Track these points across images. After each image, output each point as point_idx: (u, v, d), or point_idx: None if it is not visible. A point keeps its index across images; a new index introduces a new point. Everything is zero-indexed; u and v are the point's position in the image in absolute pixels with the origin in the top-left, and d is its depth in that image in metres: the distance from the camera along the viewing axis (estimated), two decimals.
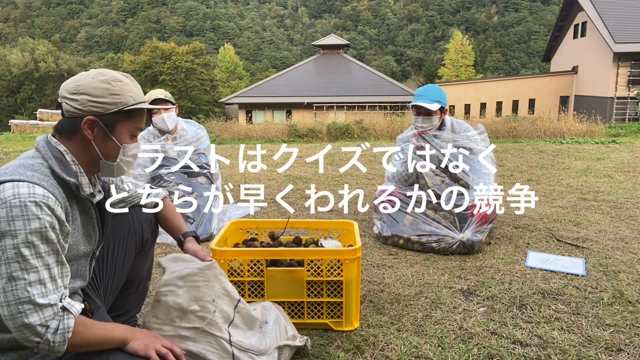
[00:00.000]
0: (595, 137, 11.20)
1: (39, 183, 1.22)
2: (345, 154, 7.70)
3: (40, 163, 1.28)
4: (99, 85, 1.32)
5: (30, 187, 1.19)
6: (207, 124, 16.11)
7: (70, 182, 1.29)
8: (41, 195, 1.20)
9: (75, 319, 1.20)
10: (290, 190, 4.91)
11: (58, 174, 1.28)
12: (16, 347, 1.26)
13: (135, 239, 1.70)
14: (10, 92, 43.64)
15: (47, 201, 1.20)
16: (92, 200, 1.40)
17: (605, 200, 4.31)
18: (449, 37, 70.56)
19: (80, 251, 1.38)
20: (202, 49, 47.30)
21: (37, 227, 1.17)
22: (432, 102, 3.12)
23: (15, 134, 16.51)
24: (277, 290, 1.99)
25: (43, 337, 1.16)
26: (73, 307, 1.21)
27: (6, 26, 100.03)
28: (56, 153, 1.32)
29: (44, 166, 1.28)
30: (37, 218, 1.17)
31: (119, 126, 1.36)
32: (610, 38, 20.59)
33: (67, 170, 1.31)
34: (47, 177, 1.26)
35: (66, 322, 1.18)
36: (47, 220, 1.19)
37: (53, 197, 1.23)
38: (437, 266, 2.76)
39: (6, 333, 1.24)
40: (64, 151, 1.33)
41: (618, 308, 2.19)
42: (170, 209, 1.82)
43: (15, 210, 1.16)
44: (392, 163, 3.45)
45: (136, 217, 1.71)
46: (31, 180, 1.21)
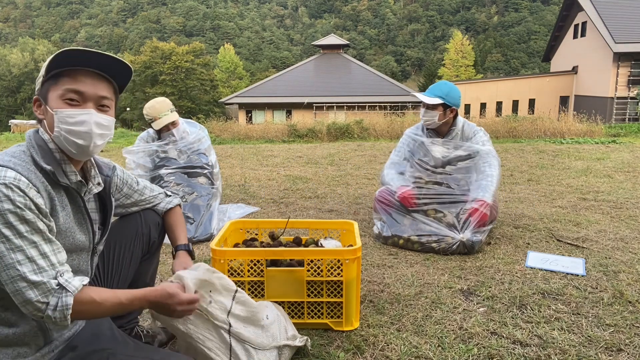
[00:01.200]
0: (595, 137, 11.20)
1: (12, 167, 1.22)
2: (346, 154, 7.71)
3: (22, 151, 1.29)
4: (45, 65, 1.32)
5: (2, 171, 1.20)
6: (207, 124, 16.12)
7: (46, 169, 1.28)
8: (12, 177, 1.20)
9: (73, 296, 1.20)
10: (290, 190, 4.91)
11: (37, 161, 1.28)
12: (14, 344, 1.26)
13: (142, 241, 1.70)
14: (10, 92, 43.65)
15: (17, 183, 1.20)
16: (79, 190, 1.38)
17: (605, 200, 4.31)
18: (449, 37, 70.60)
19: (77, 240, 1.36)
20: (202, 49, 47.30)
21: (11, 208, 1.17)
22: (433, 96, 3.17)
23: (15, 134, 16.52)
24: (277, 290, 1.99)
25: (45, 313, 1.18)
26: (70, 284, 1.20)
27: (6, 26, 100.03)
28: (39, 142, 1.32)
29: (25, 154, 1.28)
30: (8, 199, 1.17)
31: (50, 94, 1.31)
32: (610, 38, 20.60)
33: (46, 158, 1.30)
34: (24, 163, 1.26)
35: (64, 299, 1.18)
36: (19, 201, 1.18)
37: (26, 180, 1.22)
38: (437, 266, 2.76)
39: (4, 327, 1.24)
40: (48, 140, 1.32)
41: (618, 308, 2.19)
42: (176, 218, 1.80)
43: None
44: (392, 156, 3.47)
45: (144, 220, 1.72)
46: (6, 164, 1.22)
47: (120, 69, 1.36)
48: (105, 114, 1.35)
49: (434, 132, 3.37)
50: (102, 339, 1.38)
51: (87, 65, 1.31)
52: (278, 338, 1.70)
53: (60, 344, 1.33)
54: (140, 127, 27.25)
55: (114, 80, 1.39)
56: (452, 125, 3.31)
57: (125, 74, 1.39)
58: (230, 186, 5.14)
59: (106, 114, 1.36)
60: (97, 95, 1.33)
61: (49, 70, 1.29)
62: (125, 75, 1.40)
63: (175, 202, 1.81)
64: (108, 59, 1.32)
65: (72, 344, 1.34)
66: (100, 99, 1.34)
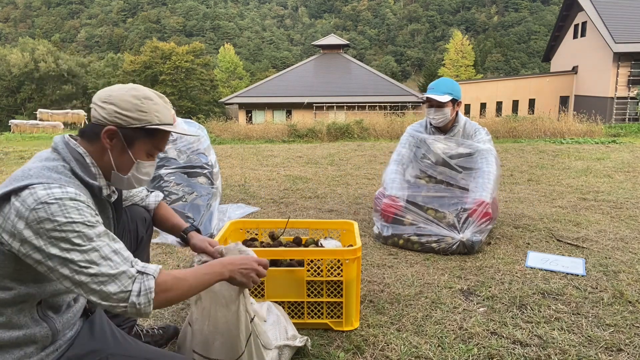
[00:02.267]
0: (595, 137, 11.20)
1: (67, 185, 1.24)
2: (346, 154, 7.70)
3: (62, 165, 1.30)
4: (129, 99, 1.35)
5: (62, 187, 1.22)
6: (207, 124, 16.12)
7: (93, 184, 1.32)
8: (73, 192, 1.22)
9: (155, 279, 1.22)
10: (290, 190, 4.91)
11: (80, 176, 1.30)
12: (24, 344, 1.27)
13: (129, 237, 1.71)
14: (10, 92, 43.64)
15: (79, 197, 1.23)
16: (110, 201, 1.44)
17: (605, 200, 4.31)
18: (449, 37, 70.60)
19: None
20: (202, 49, 47.26)
21: (79, 218, 1.19)
22: (443, 94, 3.17)
23: (15, 134, 16.52)
24: (277, 290, 1.99)
25: (129, 301, 1.19)
26: (148, 268, 1.23)
27: (6, 26, 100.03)
28: (76, 155, 1.33)
29: (65, 169, 1.29)
30: (75, 209, 1.19)
31: (138, 142, 1.37)
32: (610, 38, 20.59)
33: (87, 172, 1.33)
34: (71, 179, 1.28)
35: (147, 283, 1.21)
36: (85, 211, 1.22)
37: (83, 195, 1.26)
38: (437, 266, 2.76)
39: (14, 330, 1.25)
40: (84, 153, 1.34)
41: (618, 308, 2.19)
42: (167, 209, 1.84)
43: (54, 207, 1.17)
44: (397, 149, 3.48)
45: (130, 216, 1.72)
46: (59, 182, 1.23)
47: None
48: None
49: (437, 130, 3.37)
50: (103, 339, 1.38)
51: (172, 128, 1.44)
52: (278, 338, 1.71)
53: (64, 344, 1.34)
54: None
55: None
56: (455, 122, 3.32)
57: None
58: (230, 186, 5.14)
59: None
60: None
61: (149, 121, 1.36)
62: None
63: (160, 196, 1.85)
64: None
65: (73, 343, 1.35)
66: None
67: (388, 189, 3.25)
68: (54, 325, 1.30)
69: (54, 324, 1.30)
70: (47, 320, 1.28)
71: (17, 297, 1.22)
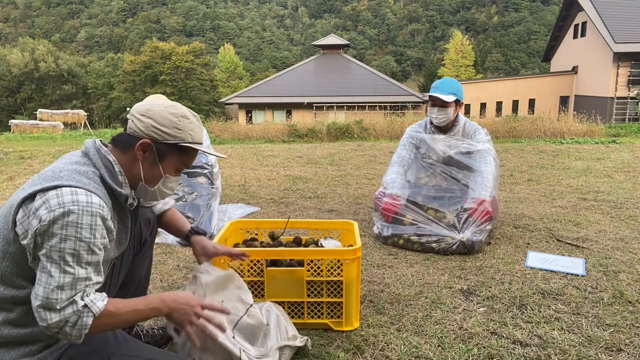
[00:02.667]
0: (595, 137, 11.20)
1: (95, 192, 1.26)
2: (346, 154, 7.70)
3: (93, 171, 1.33)
4: (167, 116, 1.40)
5: (88, 196, 1.24)
6: (207, 124, 16.13)
7: (121, 193, 1.35)
8: (97, 205, 1.24)
9: (94, 317, 1.23)
10: (290, 190, 4.91)
11: (109, 184, 1.33)
12: (29, 342, 1.28)
13: (133, 239, 1.70)
14: (10, 92, 43.65)
15: (102, 211, 1.25)
16: (131, 210, 1.46)
17: (605, 200, 4.31)
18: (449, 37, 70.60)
19: (109, 257, 1.42)
20: (202, 49, 47.26)
21: (87, 238, 1.21)
22: (448, 94, 3.18)
23: (15, 134, 16.51)
24: (277, 290, 1.99)
25: (62, 330, 1.21)
26: (95, 305, 1.24)
27: (6, 26, 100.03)
28: (106, 162, 1.36)
29: (95, 175, 1.32)
30: (89, 228, 1.22)
31: (169, 157, 1.42)
32: (610, 38, 20.60)
33: (116, 180, 1.36)
34: (100, 186, 1.30)
35: (84, 319, 1.22)
36: (98, 231, 1.24)
37: (107, 207, 1.28)
38: (437, 266, 2.76)
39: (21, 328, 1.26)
40: (113, 161, 1.38)
41: (618, 308, 2.19)
42: (175, 213, 1.86)
43: (72, 216, 1.20)
44: (397, 150, 3.48)
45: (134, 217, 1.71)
46: (88, 188, 1.25)
47: None
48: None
49: (437, 130, 3.38)
50: (104, 339, 1.38)
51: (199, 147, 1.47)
52: (279, 339, 1.71)
53: (66, 343, 1.35)
54: None
55: None
56: (455, 122, 3.33)
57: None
58: (230, 186, 5.14)
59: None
60: None
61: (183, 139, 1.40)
62: None
63: (171, 203, 1.85)
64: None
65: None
66: None
67: (389, 188, 3.25)
68: None
69: None
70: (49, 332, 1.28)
71: (28, 296, 1.24)
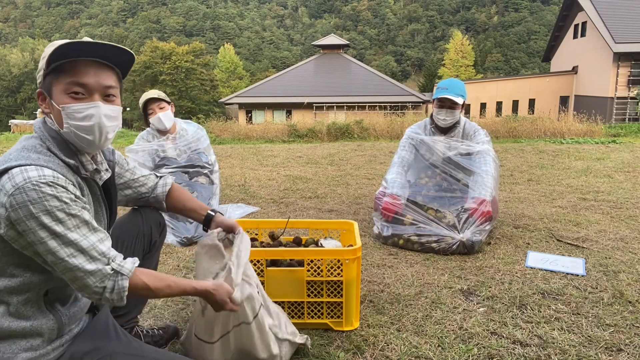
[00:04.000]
0: (595, 137, 11.20)
1: (45, 165, 1.21)
2: (346, 154, 7.70)
3: (40, 144, 1.27)
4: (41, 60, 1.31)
5: (38, 170, 1.19)
6: (207, 124, 16.12)
7: (69, 162, 1.28)
8: (51, 176, 1.20)
9: (128, 279, 1.26)
10: (290, 190, 4.91)
11: (57, 154, 1.27)
12: (30, 336, 1.27)
13: (143, 240, 1.71)
14: (10, 92, 43.65)
15: (57, 181, 1.21)
16: (96, 179, 1.39)
17: (605, 200, 4.31)
18: (449, 37, 70.61)
19: None
20: (202, 49, 47.29)
21: (58, 205, 1.19)
22: (457, 95, 3.18)
23: (15, 134, 16.52)
24: (277, 290, 1.99)
25: (102, 296, 1.24)
26: (124, 267, 1.25)
27: (6, 26, 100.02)
28: (53, 134, 1.30)
29: (43, 147, 1.27)
30: (54, 197, 1.18)
31: (53, 88, 1.27)
32: (610, 38, 20.59)
33: (65, 150, 1.29)
34: (50, 158, 1.25)
35: (120, 283, 1.24)
36: (64, 196, 1.20)
37: (62, 176, 1.23)
38: (437, 266, 2.76)
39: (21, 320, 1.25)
40: (60, 131, 1.30)
41: (618, 308, 2.19)
42: (181, 192, 1.78)
43: (31, 193, 1.16)
44: (398, 151, 3.48)
45: (145, 219, 1.72)
46: (37, 163, 1.21)
47: (121, 55, 1.32)
48: (112, 104, 1.33)
49: (437, 131, 3.38)
50: (106, 337, 1.38)
51: (87, 55, 1.27)
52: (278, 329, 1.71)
53: (70, 339, 1.35)
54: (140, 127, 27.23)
55: (117, 67, 1.35)
56: (456, 122, 3.33)
57: (126, 60, 1.35)
58: (230, 186, 5.14)
59: (113, 103, 1.33)
60: (102, 86, 1.29)
61: (49, 63, 1.26)
62: (127, 61, 1.36)
63: (169, 181, 1.77)
64: (108, 48, 1.28)
65: (78, 340, 1.35)
66: (106, 89, 1.31)
67: (389, 188, 3.25)
68: (61, 318, 1.31)
69: (61, 316, 1.31)
70: (53, 312, 1.29)
71: (22, 285, 1.23)
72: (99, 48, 1.27)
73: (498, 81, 29.18)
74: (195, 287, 1.41)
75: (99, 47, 1.26)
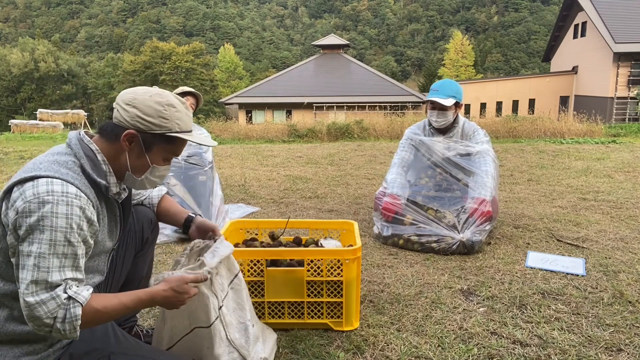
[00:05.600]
0: (595, 137, 11.21)
1: (72, 182, 1.24)
2: (346, 154, 7.70)
3: (73, 161, 1.30)
4: (152, 105, 1.35)
5: (64, 186, 1.21)
6: (207, 124, 16.13)
7: (100, 183, 1.32)
8: (73, 195, 1.22)
9: (82, 307, 1.20)
10: (290, 190, 4.91)
11: (89, 173, 1.31)
12: (32, 341, 1.28)
13: (135, 238, 1.70)
14: (10, 92, 43.66)
15: (79, 201, 1.22)
16: (118, 200, 1.44)
17: (605, 200, 4.31)
18: (449, 37, 70.61)
19: (105, 246, 1.42)
20: (202, 49, 47.29)
21: (63, 227, 1.19)
22: (447, 97, 3.17)
23: (15, 134, 16.50)
24: (277, 290, 1.99)
25: (53, 327, 1.18)
26: (80, 295, 1.21)
27: (6, 26, 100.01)
28: (88, 152, 1.34)
29: (76, 165, 1.30)
30: (65, 218, 1.19)
31: (156, 148, 1.39)
32: (610, 38, 20.59)
33: (97, 170, 1.33)
34: (79, 176, 1.28)
35: (72, 311, 1.19)
36: (74, 221, 1.21)
37: (85, 196, 1.25)
38: (437, 266, 2.76)
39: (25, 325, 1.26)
40: (96, 150, 1.35)
41: (618, 308, 2.19)
42: (170, 202, 1.83)
43: (47, 206, 1.18)
44: (398, 152, 3.48)
45: (136, 217, 1.71)
46: (65, 178, 1.23)
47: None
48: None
49: (436, 131, 3.37)
50: (105, 338, 1.39)
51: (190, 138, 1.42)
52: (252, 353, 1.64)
53: (68, 342, 1.35)
54: None
55: None
56: (454, 123, 3.32)
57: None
58: (230, 186, 5.14)
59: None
60: None
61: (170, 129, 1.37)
62: None
63: (163, 190, 1.83)
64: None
65: (76, 342, 1.35)
66: None
67: (389, 188, 3.25)
68: None
69: None
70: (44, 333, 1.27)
71: None
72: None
73: (498, 81, 29.18)
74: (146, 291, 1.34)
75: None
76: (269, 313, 2.02)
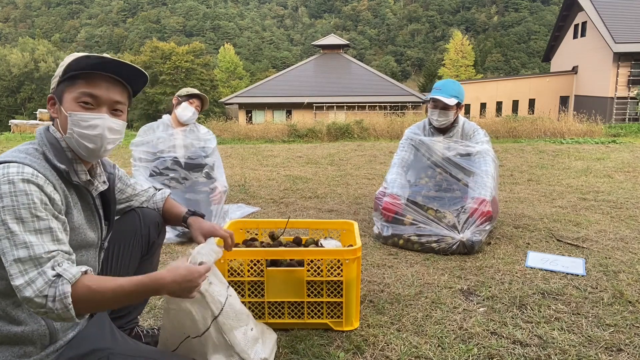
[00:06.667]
0: (595, 137, 11.21)
1: (29, 164, 1.23)
2: (346, 154, 7.70)
3: (35, 149, 1.31)
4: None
5: (19, 167, 1.22)
6: (207, 124, 16.11)
7: (60, 167, 1.30)
8: (30, 173, 1.21)
9: (70, 284, 1.16)
10: (290, 190, 4.91)
11: (50, 159, 1.30)
12: (22, 342, 1.27)
13: (141, 241, 1.69)
14: (10, 92, 43.66)
15: (35, 179, 1.21)
16: (89, 188, 1.41)
17: (605, 200, 4.31)
18: (449, 37, 70.63)
19: (88, 237, 1.39)
20: (202, 49, 47.28)
21: (25, 203, 1.18)
22: (450, 96, 3.17)
23: (15, 134, 16.51)
24: (277, 290, 1.99)
25: (46, 307, 1.15)
26: (67, 272, 1.17)
27: (6, 26, 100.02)
28: (51, 140, 1.34)
29: (38, 152, 1.30)
30: (24, 194, 1.19)
31: (65, 95, 1.33)
32: (610, 38, 20.59)
33: (59, 156, 1.32)
34: (39, 161, 1.28)
35: (61, 288, 1.15)
36: (35, 196, 1.20)
37: (43, 176, 1.24)
38: (437, 266, 2.76)
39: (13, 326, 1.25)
40: (60, 138, 1.35)
41: (618, 308, 2.19)
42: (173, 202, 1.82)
43: (4, 187, 1.18)
44: (397, 152, 3.48)
45: (143, 220, 1.70)
46: (22, 161, 1.24)
47: (136, 74, 1.39)
48: (118, 118, 1.38)
49: (436, 131, 3.38)
50: (103, 339, 1.38)
51: (103, 70, 1.33)
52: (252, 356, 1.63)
53: (65, 344, 1.34)
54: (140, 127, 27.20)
55: (129, 85, 1.41)
56: (454, 123, 3.33)
57: (140, 79, 1.42)
58: (230, 186, 5.14)
59: (119, 118, 1.39)
60: (111, 100, 1.35)
61: (66, 71, 1.32)
62: (141, 81, 1.43)
63: (167, 192, 1.83)
64: (125, 66, 1.34)
65: (73, 343, 1.35)
66: (114, 104, 1.37)
67: (389, 188, 3.25)
68: (52, 323, 1.30)
69: (52, 322, 1.29)
70: (45, 318, 1.27)
71: (9, 287, 1.22)
72: (117, 65, 1.32)
73: (498, 81, 29.18)
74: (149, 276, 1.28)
75: (116, 64, 1.32)
76: (269, 313, 2.02)
